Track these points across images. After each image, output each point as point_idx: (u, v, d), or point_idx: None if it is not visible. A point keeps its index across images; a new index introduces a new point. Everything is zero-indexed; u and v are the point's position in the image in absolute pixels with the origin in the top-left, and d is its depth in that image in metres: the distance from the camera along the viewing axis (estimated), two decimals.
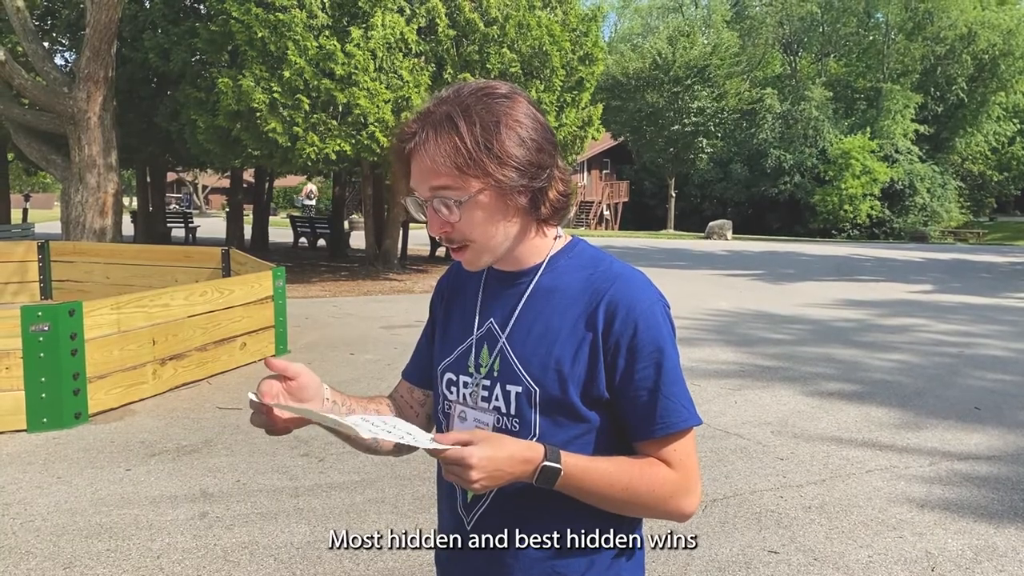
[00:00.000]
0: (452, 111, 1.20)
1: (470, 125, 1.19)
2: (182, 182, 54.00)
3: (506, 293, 1.33)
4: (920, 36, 42.95)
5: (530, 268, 1.32)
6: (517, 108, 1.23)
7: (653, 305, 1.27)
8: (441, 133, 1.19)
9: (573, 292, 1.28)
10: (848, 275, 17.64)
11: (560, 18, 15.01)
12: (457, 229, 1.24)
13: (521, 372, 1.27)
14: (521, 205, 1.24)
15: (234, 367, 7.22)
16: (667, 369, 1.25)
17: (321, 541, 3.70)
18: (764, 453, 5.07)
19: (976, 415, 6.05)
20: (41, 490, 4.34)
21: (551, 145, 1.25)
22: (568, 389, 1.24)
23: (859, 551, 3.67)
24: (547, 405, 1.26)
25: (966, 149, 46.47)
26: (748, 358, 8.02)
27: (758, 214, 43.06)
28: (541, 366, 1.26)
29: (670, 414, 1.25)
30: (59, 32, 18.11)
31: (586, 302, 1.26)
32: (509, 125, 1.20)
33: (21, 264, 11.35)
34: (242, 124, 12.53)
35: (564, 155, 1.32)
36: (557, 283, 1.30)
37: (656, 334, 1.25)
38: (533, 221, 1.28)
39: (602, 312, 1.25)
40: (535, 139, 1.22)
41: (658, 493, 1.24)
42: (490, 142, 1.19)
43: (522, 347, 1.28)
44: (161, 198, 24.35)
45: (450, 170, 1.20)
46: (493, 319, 1.33)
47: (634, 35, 53.50)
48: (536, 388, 1.26)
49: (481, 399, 1.31)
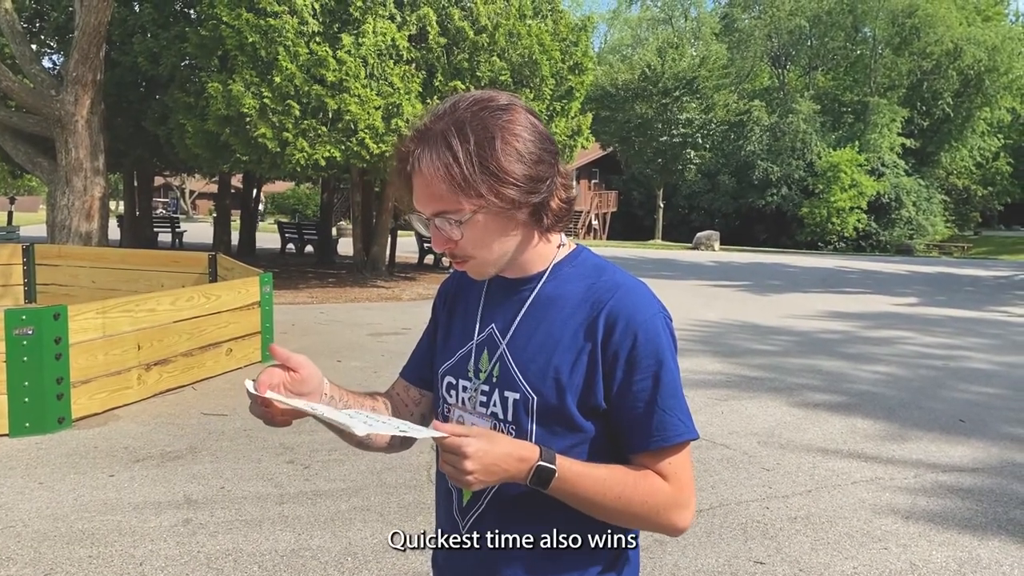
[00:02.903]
0: (447, 129, 1.18)
1: (464, 143, 1.17)
2: (169, 186, 53.84)
3: (509, 299, 1.33)
4: (907, 51, 43.37)
5: (533, 275, 1.32)
6: (515, 120, 1.21)
7: (654, 317, 1.26)
8: (436, 153, 1.18)
9: (575, 301, 1.28)
10: (834, 287, 17.74)
11: (550, 28, 15.07)
12: (460, 246, 1.24)
13: (520, 379, 1.27)
14: (522, 219, 1.24)
15: (220, 373, 7.17)
16: (665, 382, 1.24)
17: (306, 549, 3.68)
18: (750, 463, 5.08)
19: (960, 427, 6.08)
20: (23, 495, 4.29)
21: (551, 155, 1.24)
22: (566, 398, 1.24)
23: (844, 562, 3.68)
24: (544, 413, 1.25)
25: (951, 163, 46.88)
26: (734, 369, 8.05)
27: (745, 225, 43.26)
28: (540, 374, 1.26)
29: (666, 427, 1.24)
30: (47, 35, 18.02)
31: (587, 311, 1.26)
32: (506, 140, 1.19)
33: (5, 267, 11.26)
34: (231, 129, 12.49)
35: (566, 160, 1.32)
36: (559, 291, 1.30)
37: (655, 346, 1.24)
38: (536, 230, 1.28)
39: (602, 322, 1.24)
40: (534, 152, 1.21)
41: (651, 504, 1.23)
42: (486, 160, 1.17)
43: (522, 354, 1.28)
44: (148, 202, 24.26)
45: (446, 191, 1.19)
46: (494, 325, 1.33)
47: (624, 46, 53.87)
48: (533, 396, 1.26)
49: (479, 404, 1.31)
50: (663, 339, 1.26)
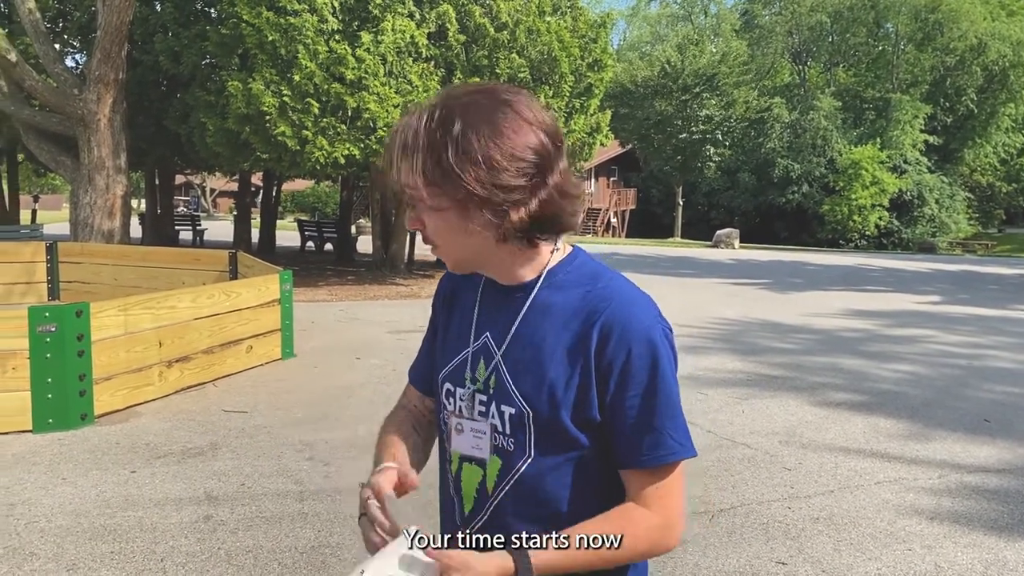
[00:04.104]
0: (429, 107, 1.16)
1: (429, 125, 1.13)
2: (190, 185, 54.22)
3: (503, 307, 1.28)
4: (930, 47, 42.96)
5: (526, 283, 1.25)
6: (500, 118, 1.13)
7: (650, 328, 1.20)
8: (409, 132, 1.16)
9: (569, 310, 1.22)
10: (856, 285, 17.58)
11: (569, 24, 15.02)
12: (427, 232, 1.21)
13: (515, 393, 1.24)
14: (480, 222, 1.16)
15: (240, 370, 7.21)
16: (661, 398, 1.19)
17: (326, 546, 3.68)
18: (771, 463, 5.04)
19: (986, 427, 6.00)
20: (46, 491, 4.33)
21: (530, 163, 1.14)
22: (561, 412, 1.21)
23: (868, 564, 3.64)
24: (541, 427, 1.22)
25: (975, 160, 46.42)
26: (755, 367, 7.99)
27: (765, 223, 43.03)
28: (535, 388, 1.22)
29: (658, 446, 1.19)
30: (70, 34, 18.18)
31: (581, 321, 1.21)
32: (475, 139, 1.11)
33: (29, 265, 11.38)
34: (251, 127, 12.54)
35: (572, 162, 1.18)
36: (554, 299, 1.24)
37: (650, 360, 1.19)
38: (513, 237, 1.19)
39: (596, 333, 1.19)
40: (497, 157, 1.12)
41: (640, 549, 1.22)
42: (439, 152, 1.12)
43: (516, 366, 1.24)
44: (169, 201, 24.43)
45: (406, 168, 1.17)
46: (490, 333, 1.29)
47: (643, 43, 53.62)
48: (529, 411, 1.22)
49: (478, 412, 1.29)
50: (659, 352, 1.20)
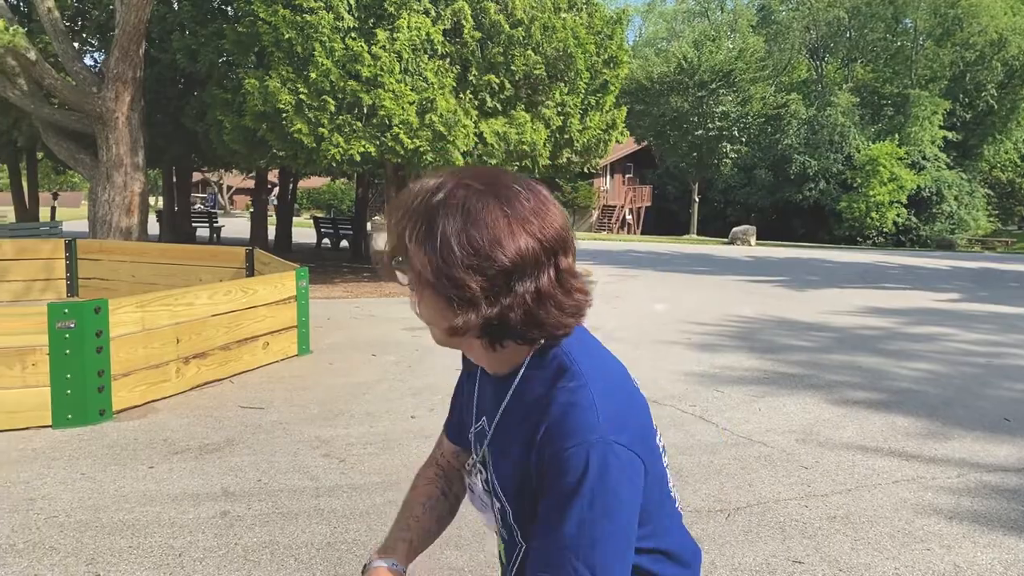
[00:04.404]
0: (439, 182, 1.13)
1: (425, 199, 1.11)
2: (207, 182, 54.57)
3: (492, 392, 1.26)
4: (949, 42, 42.56)
5: (510, 372, 1.21)
6: (481, 207, 1.09)
7: (579, 447, 1.07)
8: (414, 192, 1.15)
9: (535, 409, 1.15)
10: (873, 283, 17.45)
11: (585, 20, 14.98)
12: (414, 297, 1.18)
13: (498, 491, 1.24)
14: (450, 315, 1.11)
15: (257, 367, 7.25)
16: (568, 526, 1.06)
17: (341, 542, 3.70)
18: (788, 461, 5.01)
19: (1005, 426, 5.94)
20: (65, 486, 4.37)
21: (496, 265, 1.07)
22: (535, 506, 1.15)
23: (886, 563, 3.61)
24: (524, 520, 1.21)
25: (995, 157, 45.98)
26: (772, 365, 7.95)
27: (782, 220, 42.81)
28: (511, 486, 1.21)
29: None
30: (89, 33, 18.32)
31: (534, 422, 1.14)
32: (444, 219, 1.08)
33: (48, 261, 11.49)
34: (268, 125, 12.60)
35: (567, 253, 1.12)
36: (525, 395, 1.19)
37: (570, 481, 1.06)
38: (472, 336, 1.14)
39: (539, 439, 1.12)
40: (461, 249, 1.07)
41: None
42: (415, 228, 1.11)
43: (498, 463, 1.24)
44: (186, 198, 24.58)
45: (399, 243, 1.15)
46: (485, 418, 1.29)
47: (659, 39, 53.49)
48: (509, 508, 1.23)
49: (484, 492, 1.30)
50: (585, 479, 1.06)
